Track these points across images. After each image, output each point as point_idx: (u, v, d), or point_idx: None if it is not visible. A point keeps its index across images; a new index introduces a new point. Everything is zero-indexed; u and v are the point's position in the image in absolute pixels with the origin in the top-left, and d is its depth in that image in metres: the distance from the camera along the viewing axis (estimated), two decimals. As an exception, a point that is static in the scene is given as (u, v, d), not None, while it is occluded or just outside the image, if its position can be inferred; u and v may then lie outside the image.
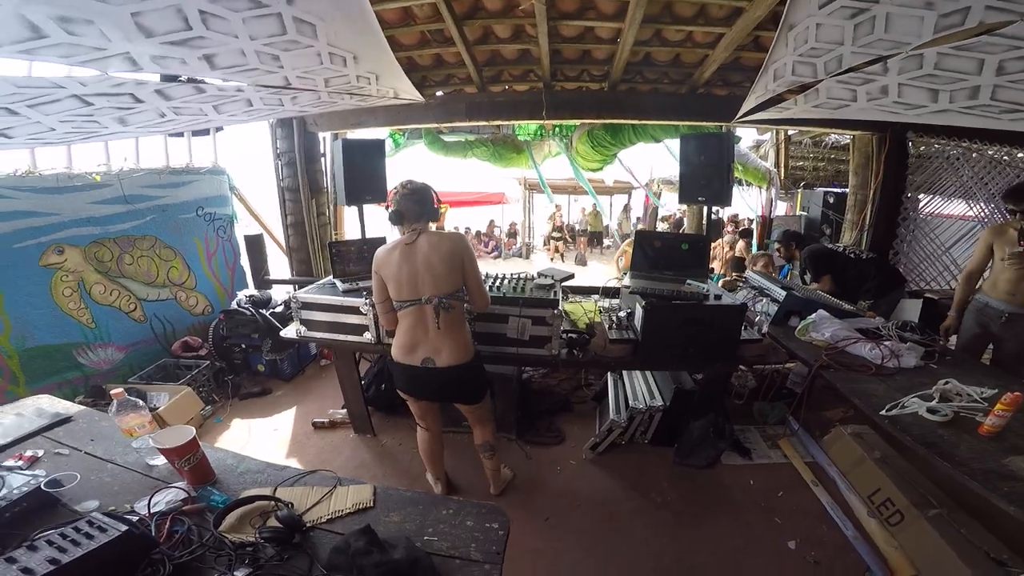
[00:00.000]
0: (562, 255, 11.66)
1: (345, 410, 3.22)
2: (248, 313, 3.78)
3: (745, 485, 2.68)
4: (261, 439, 3.12)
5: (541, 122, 4.08)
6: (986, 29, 1.80)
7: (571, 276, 2.96)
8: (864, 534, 2.30)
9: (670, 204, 10.58)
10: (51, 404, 2.02)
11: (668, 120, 3.96)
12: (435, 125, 4.04)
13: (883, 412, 2.09)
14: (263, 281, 4.58)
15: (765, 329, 2.81)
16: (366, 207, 3.63)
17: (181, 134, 3.99)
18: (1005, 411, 1.81)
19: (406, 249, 1.98)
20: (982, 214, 4.05)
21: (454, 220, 14.22)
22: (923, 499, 2.27)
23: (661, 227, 10.20)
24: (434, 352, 2.02)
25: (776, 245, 3.75)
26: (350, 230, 5.14)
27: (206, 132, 4.16)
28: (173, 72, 2.03)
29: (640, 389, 3.07)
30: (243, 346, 3.81)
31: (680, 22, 2.91)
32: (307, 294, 2.67)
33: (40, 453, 1.58)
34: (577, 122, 4.40)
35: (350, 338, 2.66)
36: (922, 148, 3.93)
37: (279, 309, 3.96)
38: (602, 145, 4.36)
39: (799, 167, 6.09)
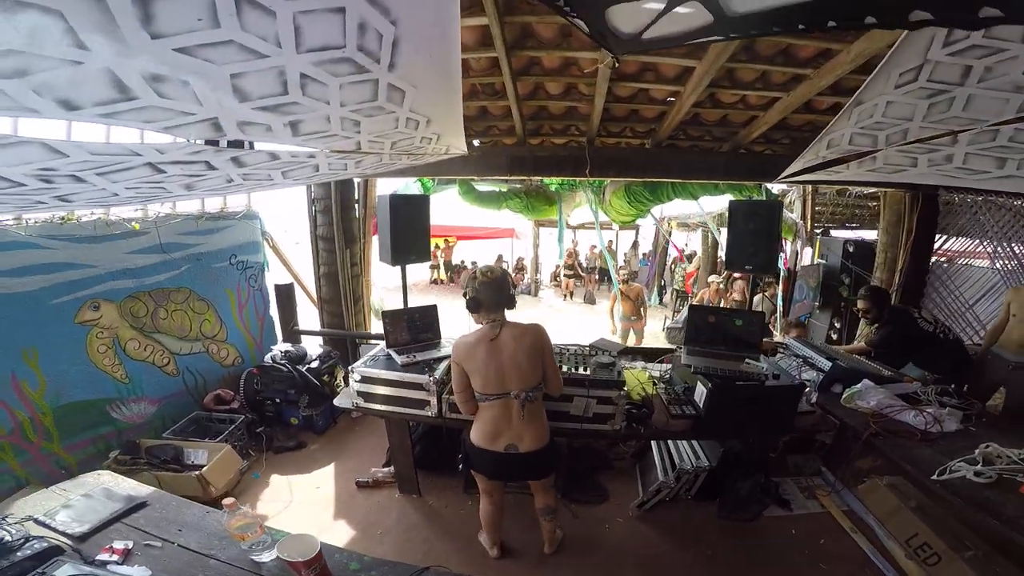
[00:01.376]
0: (571, 292, 11.67)
1: (386, 469, 3.19)
2: (285, 369, 3.75)
3: (788, 535, 2.75)
4: (304, 498, 3.05)
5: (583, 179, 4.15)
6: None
7: (624, 348, 2.99)
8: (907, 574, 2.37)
9: (678, 241, 10.81)
10: (116, 483, 1.98)
11: (711, 179, 4.04)
12: (475, 177, 4.06)
13: (934, 477, 2.20)
14: (292, 332, 4.52)
15: (813, 399, 2.87)
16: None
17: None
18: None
19: (491, 345, 2.03)
20: (999, 261, 4.16)
21: (462, 252, 14.24)
22: (958, 542, 2.37)
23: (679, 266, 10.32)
24: (517, 439, 2.09)
25: (862, 303, 3.56)
26: (380, 280, 5.07)
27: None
28: (256, 139, 2.00)
29: (684, 450, 3.10)
30: (277, 400, 3.75)
31: (739, 86, 2.96)
32: (367, 368, 2.69)
33: (130, 545, 1.53)
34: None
35: (411, 411, 2.67)
36: (947, 198, 4.06)
37: (314, 364, 3.92)
38: (639, 201, 4.43)
39: (817, 212, 6.21)
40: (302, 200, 4.59)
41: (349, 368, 2.75)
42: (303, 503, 2.97)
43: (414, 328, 3.03)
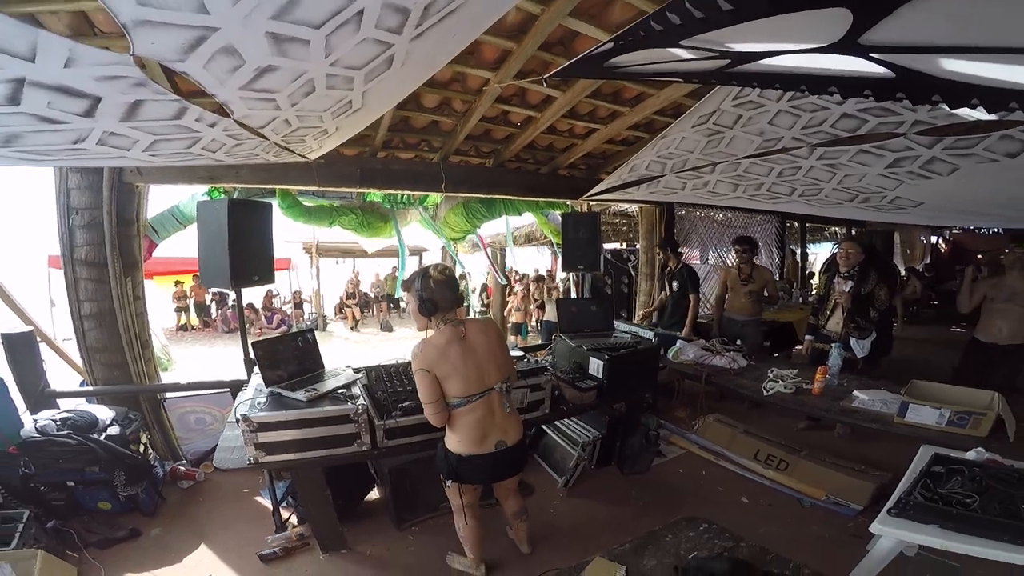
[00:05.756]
0: (358, 322, 10.89)
1: (286, 532, 2.63)
2: (73, 442, 2.65)
3: (678, 473, 3.35)
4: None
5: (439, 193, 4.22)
6: (784, 149, 2.91)
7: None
8: (773, 480, 3.11)
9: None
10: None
11: (538, 197, 4.69)
12: (317, 188, 3.63)
13: (765, 395, 3.13)
14: (43, 396, 3.16)
15: None
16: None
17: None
18: (821, 378, 3.05)
19: (464, 344, 2.00)
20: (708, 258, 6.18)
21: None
22: (789, 447, 3.28)
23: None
24: (503, 433, 2.08)
25: (658, 251, 4.88)
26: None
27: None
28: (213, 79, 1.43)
29: (573, 428, 3.45)
30: (70, 483, 2.63)
31: (575, 116, 3.57)
32: (265, 413, 2.22)
33: None
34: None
35: (336, 451, 2.33)
36: (679, 212, 5.72)
37: (114, 431, 2.88)
38: (476, 217, 4.71)
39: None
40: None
41: (236, 418, 2.22)
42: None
43: (295, 359, 2.66)
